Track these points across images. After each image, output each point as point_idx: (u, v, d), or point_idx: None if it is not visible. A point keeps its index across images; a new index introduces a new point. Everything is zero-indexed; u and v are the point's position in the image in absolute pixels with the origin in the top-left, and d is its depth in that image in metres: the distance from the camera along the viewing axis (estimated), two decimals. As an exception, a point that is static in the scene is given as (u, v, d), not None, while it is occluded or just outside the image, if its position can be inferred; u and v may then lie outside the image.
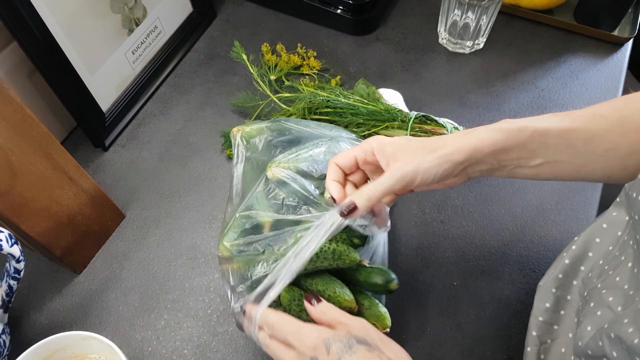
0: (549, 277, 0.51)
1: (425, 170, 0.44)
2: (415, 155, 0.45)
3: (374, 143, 0.47)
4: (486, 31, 0.79)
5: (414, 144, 0.46)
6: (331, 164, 0.50)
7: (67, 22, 0.62)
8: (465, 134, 0.45)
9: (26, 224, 0.53)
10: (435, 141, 0.46)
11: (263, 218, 0.55)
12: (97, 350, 0.51)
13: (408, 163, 0.44)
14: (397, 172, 0.45)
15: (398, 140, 0.47)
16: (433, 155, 0.44)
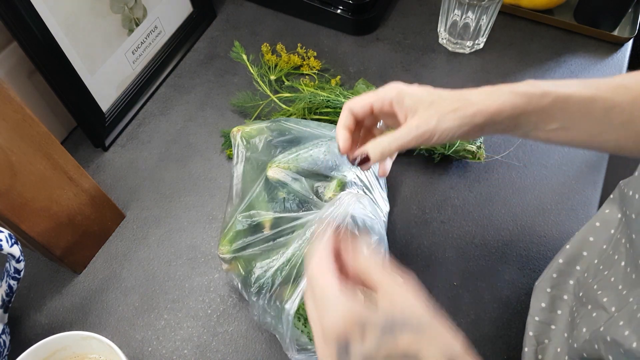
0: (544, 277, 0.51)
1: (444, 130, 0.44)
2: (435, 112, 0.43)
3: (393, 93, 0.46)
4: (486, 31, 0.79)
5: (434, 98, 0.44)
6: (345, 109, 0.49)
7: (67, 22, 0.62)
8: (488, 92, 0.44)
9: (26, 224, 0.53)
10: (457, 96, 0.44)
11: (263, 218, 0.55)
12: (97, 350, 0.51)
13: (427, 121, 0.43)
14: (415, 129, 0.44)
15: (418, 91, 0.45)
16: (453, 115, 0.43)
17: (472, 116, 0.43)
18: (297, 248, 0.50)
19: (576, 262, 0.48)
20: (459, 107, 0.43)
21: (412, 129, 0.44)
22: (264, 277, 0.51)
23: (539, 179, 0.69)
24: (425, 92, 0.45)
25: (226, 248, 0.55)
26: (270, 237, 0.54)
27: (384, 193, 0.61)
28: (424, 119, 0.43)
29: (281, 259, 0.50)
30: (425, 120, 0.43)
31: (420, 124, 0.43)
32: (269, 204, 0.57)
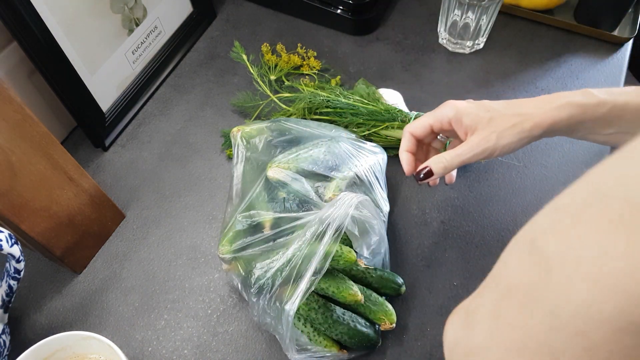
0: None
1: (504, 145, 0.46)
2: (494, 130, 0.45)
3: (451, 113, 0.48)
4: (486, 31, 0.79)
5: (492, 115, 0.46)
6: (406, 134, 0.51)
7: (67, 22, 0.62)
8: (544, 103, 0.45)
9: (26, 224, 0.53)
10: (514, 109, 0.46)
11: (263, 217, 0.55)
12: (97, 350, 0.51)
13: (487, 138, 0.46)
14: (476, 147, 0.46)
15: (475, 109, 0.47)
16: (512, 131, 0.45)
17: (529, 130, 0.45)
18: (297, 249, 0.50)
19: None
20: (516, 122, 0.45)
21: (473, 147, 0.46)
22: (264, 277, 0.51)
23: (539, 179, 0.69)
24: (482, 108, 0.47)
25: (226, 248, 0.55)
26: (270, 238, 0.54)
27: (384, 193, 0.61)
28: (484, 136, 0.46)
29: (281, 260, 0.50)
30: (486, 137, 0.46)
31: (481, 141, 0.46)
32: (269, 204, 0.57)
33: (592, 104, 0.44)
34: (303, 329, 0.53)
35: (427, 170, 0.49)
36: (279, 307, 0.49)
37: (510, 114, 0.46)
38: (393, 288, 0.56)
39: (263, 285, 0.51)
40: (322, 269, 0.48)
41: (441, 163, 0.48)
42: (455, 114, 0.48)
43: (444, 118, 0.49)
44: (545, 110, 0.45)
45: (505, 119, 0.46)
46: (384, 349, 0.56)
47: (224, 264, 0.56)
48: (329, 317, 0.52)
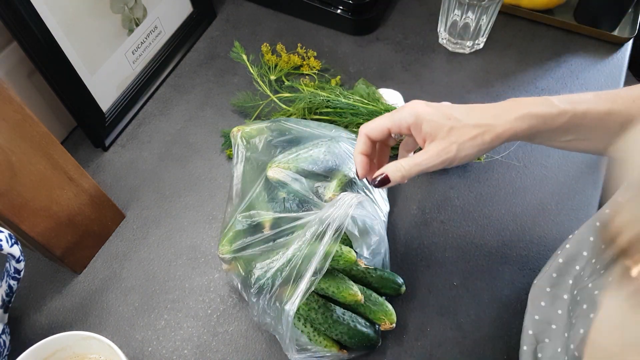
0: (542, 276, 0.51)
1: (463, 157, 0.45)
2: (454, 141, 0.45)
3: (410, 120, 0.46)
4: (486, 31, 0.79)
5: (453, 124, 0.45)
6: (362, 136, 0.50)
7: (67, 22, 0.62)
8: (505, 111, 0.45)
9: (26, 224, 0.53)
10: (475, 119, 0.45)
11: (263, 218, 0.55)
12: (97, 350, 0.51)
13: (447, 149, 0.45)
14: (436, 158, 0.45)
15: (435, 117, 0.46)
16: (472, 143, 0.45)
17: (490, 142, 0.45)
18: (297, 249, 0.50)
19: (575, 262, 0.48)
20: (477, 134, 0.45)
21: (433, 157, 0.45)
22: (264, 277, 0.51)
23: (539, 179, 0.69)
24: (442, 116, 0.46)
25: (226, 248, 0.55)
26: (270, 238, 0.54)
27: (384, 193, 0.61)
28: (444, 147, 0.45)
29: (281, 260, 0.50)
30: (445, 149, 0.45)
31: (440, 152, 0.45)
32: (268, 204, 0.57)
33: (553, 114, 0.44)
34: (303, 329, 0.53)
35: (383, 177, 0.48)
36: (279, 307, 0.49)
37: (471, 124, 0.45)
38: (393, 288, 0.56)
39: (263, 286, 0.51)
40: (322, 269, 0.48)
41: (399, 172, 0.47)
42: (415, 120, 0.46)
43: (403, 123, 0.47)
44: (506, 121, 0.45)
45: (466, 130, 0.45)
46: (384, 349, 0.56)
47: (223, 264, 0.56)
48: (329, 317, 0.52)
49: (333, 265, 0.52)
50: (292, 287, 0.49)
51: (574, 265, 0.49)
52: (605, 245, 0.46)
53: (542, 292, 0.50)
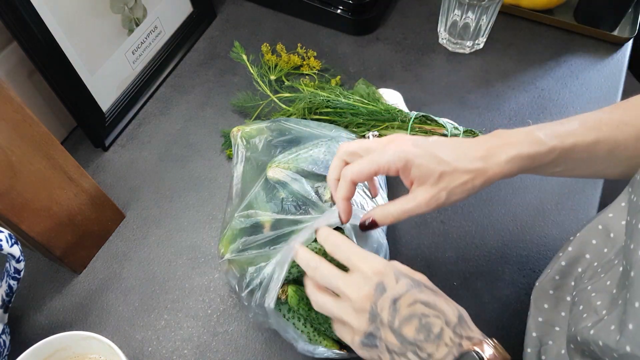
0: (545, 278, 0.51)
1: (452, 202, 0.45)
2: (444, 187, 0.44)
3: (400, 164, 0.45)
4: (486, 31, 0.79)
5: (444, 169, 0.44)
6: (347, 181, 0.47)
7: (67, 22, 0.62)
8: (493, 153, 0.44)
9: (26, 224, 0.53)
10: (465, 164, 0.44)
11: (263, 218, 0.55)
12: (97, 350, 0.51)
13: (437, 197, 0.44)
14: (425, 206, 0.45)
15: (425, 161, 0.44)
16: (462, 189, 0.44)
17: (480, 186, 0.44)
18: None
19: (578, 264, 0.48)
20: (467, 180, 0.44)
21: (422, 205, 0.45)
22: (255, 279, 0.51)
23: (539, 179, 0.69)
24: (433, 160, 0.44)
25: (225, 249, 0.55)
26: (269, 239, 0.54)
27: (383, 193, 0.61)
28: (434, 194, 0.44)
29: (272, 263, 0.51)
30: (435, 195, 0.44)
31: (430, 200, 0.44)
32: (268, 204, 0.57)
33: (542, 153, 0.43)
34: (303, 329, 0.53)
35: (371, 221, 0.47)
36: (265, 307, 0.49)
37: (461, 169, 0.44)
38: None
39: (254, 289, 0.51)
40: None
41: (387, 216, 0.46)
42: (405, 165, 0.44)
43: (392, 167, 0.45)
44: (496, 164, 0.44)
45: (456, 176, 0.44)
46: (384, 349, 0.56)
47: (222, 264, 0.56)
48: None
49: None
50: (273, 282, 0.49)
51: (577, 267, 0.48)
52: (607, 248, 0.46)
53: (545, 294, 0.50)
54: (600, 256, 0.46)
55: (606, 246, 0.46)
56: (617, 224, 0.45)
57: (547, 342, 0.49)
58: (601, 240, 0.46)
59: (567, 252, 0.49)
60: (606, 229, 0.46)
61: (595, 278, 0.44)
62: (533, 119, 0.74)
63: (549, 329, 0.49)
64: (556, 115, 0.74)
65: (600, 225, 0.46)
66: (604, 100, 0.76)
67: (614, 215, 0.46)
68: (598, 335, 0.38)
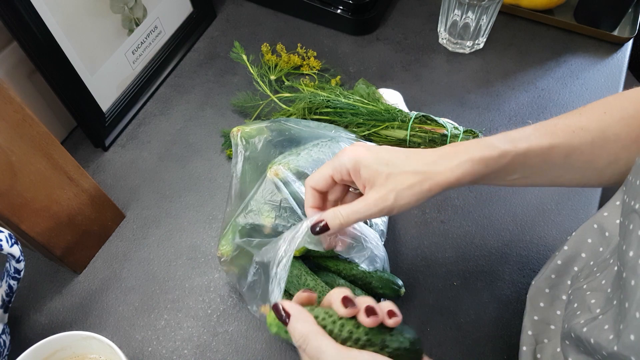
0: (541, 277, 0.51)
1: (402, 205, 0.44)
2: (392, 189, 0.43)
3: (349, 164, 0.45)
4: (486, 31, 0.79)
5: (391, 170, 0.44)
6: (307, 189, 0.48)
7: (67, 22, 0.62)
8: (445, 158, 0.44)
9: (26, 224, 0.53)
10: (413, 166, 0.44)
11: (262, 219, 0.55)
12: (97, 351, 0.51)
13: (385, 198, 0.43)
14: (373, 206, 0.44)
15: (374, 163, 0.44)
16: (410, 192, 0.43)
17: (428, 191, 0.43)
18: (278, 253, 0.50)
19: (574, 263, 0.49)
20: (414, 182, 0.43)
21: (370, 205, 0.44)
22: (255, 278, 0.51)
23: (539, 179, 0.68)
24: (381, 161, 0.44)
25: (225, 249, 0.55)
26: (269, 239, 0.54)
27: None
28: (381, 195, 0.43)
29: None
30: (383, 197, 0.43)
31: (378, 200, 0.44)
32: (268, 205, 0.57)
33: (494, 157, 0.43)
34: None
35: (323, 224, 0.45)
36: None
37: (409, 171, 0.43)
38: (393, 289, 0.56)
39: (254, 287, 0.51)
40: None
41: (337, 219, 0.45)
42: (354, 165, 0.44)
43: (343, 168, 0.45)
44: (446, 168, 0.43)
45: (403, 177, 0.43)
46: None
47: (222, 264, 0.56)
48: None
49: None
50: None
51: (573, 266, 0.49)
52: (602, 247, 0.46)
53: (540, 293, 0.50)
54: (596, 255, 0.46)
55: (602, 245, 0.46)
56: (612, 222, 0.45)
57: (542, 340, 0.49)
58: (597, 239, 0.46)
59: (563, 251, 0.49)
60: (601, 227, 0.46)
61: (591, 277, 0.44)
62: (533, 119, 0.74)
63: (545, 328, 0.49)
64: (556, 115, 0.74)
65: (596, 224, 0.47)
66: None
67: (609, 214, 0.46)
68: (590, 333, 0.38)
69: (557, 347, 0.47)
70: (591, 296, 0.42)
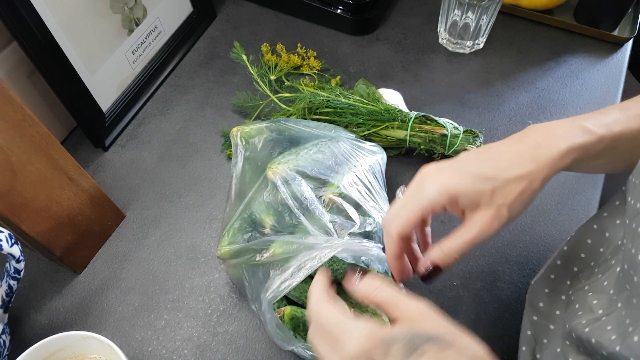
0: (540, 277, 0.51)
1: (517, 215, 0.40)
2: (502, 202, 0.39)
3: (443, 199, 0.40)
4: (486, 31, 0.79)
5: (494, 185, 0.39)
6: (392, 238, 0.42)
7: (67, 22, 0.62)
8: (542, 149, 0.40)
9: (26, 224, 0.53)
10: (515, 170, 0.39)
11: (262, 219, 0.55)
12: (97, 350, 0.51)
13: (498, 215, 0.39)
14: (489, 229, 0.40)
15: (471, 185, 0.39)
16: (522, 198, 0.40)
17: (537, 190, 0.40)
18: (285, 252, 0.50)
19: (573, 264, 0.48)
20: (524, 187, 0.39)
21: (485, 230, 0.39)
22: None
23: (539, 179, 0.68)
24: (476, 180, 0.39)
25: (225, 249, 0.55)
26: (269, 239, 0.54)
27: (383, 193, 0.61)
28: (493, 214, 0.39)
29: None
30: (495, 215, 0.39)
31: (493, 221, 0.39)
32: (268, 205, 0.57)
33: (593, 142, 0.40)
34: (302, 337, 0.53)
35: (432, 268, 0.41)
36: None
37: (512, 178, 0.39)
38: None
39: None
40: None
41: (450, 256, 0.40)
42: (449, 198, 0.40)
43: (436, 206, 0.40)
44: (549, 160, 0.39)
45: (510, 187, 0.39)
46: (384, 349, 0.56)
47: (222, 264, 0.56)
48: None
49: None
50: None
51: (572, 267, 0.49)
52: (603, 248, 0.46)
53: (540, 293, 0.50)
54: (597, 255, 0.46)
55: (602, 245, 0.46)
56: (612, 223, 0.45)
57: (541, 340, 0.49)
58: (596, 239, 0.46)
59: (562, 251, 0.49)
60: (601, 228, 0.46)
61: (593, 278, 0.44)
62: (533, 119, 0.74)
63: (544, 328, 0.49)
64: (556, 115, 0.74)
65: (596, 224, 0.46)
66: (604, 100, 0.76)
67: (608, 214, 0.46)
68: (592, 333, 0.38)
69: (557, 348, 0.47)
70: (593, 297, 0.42)
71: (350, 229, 0.55)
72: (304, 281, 0.51)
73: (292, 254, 0.49)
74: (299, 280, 0.47)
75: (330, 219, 0.55)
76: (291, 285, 0.47)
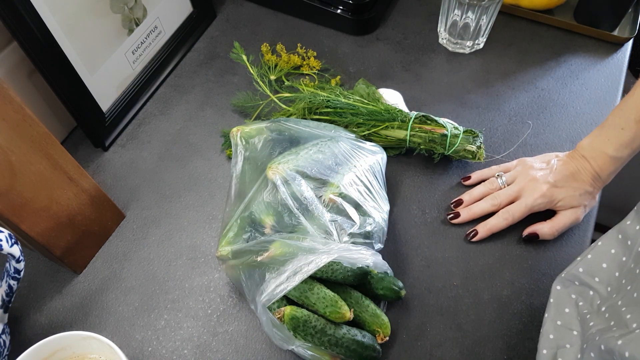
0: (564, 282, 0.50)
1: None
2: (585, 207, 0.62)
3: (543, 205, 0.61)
4: (486, 31, 0.79)
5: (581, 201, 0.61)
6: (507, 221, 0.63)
7: (67, 22, 0.62)
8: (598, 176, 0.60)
9: (26, 224, 0.53)
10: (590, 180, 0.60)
11: (262, 219, 0.55)
12: (97, 351, 0.51)
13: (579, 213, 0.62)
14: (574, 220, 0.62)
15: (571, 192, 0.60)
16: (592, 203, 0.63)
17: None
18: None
19: (595, 274, 0.48)
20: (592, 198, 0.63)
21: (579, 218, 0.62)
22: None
23: (539, 179, 0.68)
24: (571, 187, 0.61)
25: (224, 249, 0.55)
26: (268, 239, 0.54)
27: (383, 192, 0.61)
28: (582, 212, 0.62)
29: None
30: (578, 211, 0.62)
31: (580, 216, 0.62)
32: (267, 205, 0.57)
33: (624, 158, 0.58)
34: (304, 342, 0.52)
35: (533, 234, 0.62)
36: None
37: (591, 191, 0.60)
38: (393, 290, 0.56)
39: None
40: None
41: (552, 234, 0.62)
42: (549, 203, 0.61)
43: (541, 208, 0.62)
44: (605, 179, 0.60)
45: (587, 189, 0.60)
46: (384, 348, 0.56)
47: (222, 264, 0.56)
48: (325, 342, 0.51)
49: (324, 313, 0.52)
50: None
51: (594, 277, 0.48)
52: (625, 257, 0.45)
53: (567, 299, 0.49)
54: (621, 265, 0.46)
55: (624, 254, 0.45)
56: (633, 230, 0.45)
57: (564, 345, 0.48)
58: (620, 249, 0.46)
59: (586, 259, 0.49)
60: (625, 236, 0.46)
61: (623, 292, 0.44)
62: (533, 119, 0.74)
63: (567, 333, 0.48)
64: (556, 115, 0.74)
65: (620, 234, 0.46)
66: (604, 100, 0.76)
67: (631, 222, 0.45)
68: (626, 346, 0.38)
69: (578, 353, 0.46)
70: (627, 311, 0.42)
71: (350, 229, 0.55)
72: (304, 281, 0.51)
73: (289, 257, 0.50)
74: (294, 284, 0.48)
75: (330, 218, 0.55)
76: (286, 290, 0.48)
